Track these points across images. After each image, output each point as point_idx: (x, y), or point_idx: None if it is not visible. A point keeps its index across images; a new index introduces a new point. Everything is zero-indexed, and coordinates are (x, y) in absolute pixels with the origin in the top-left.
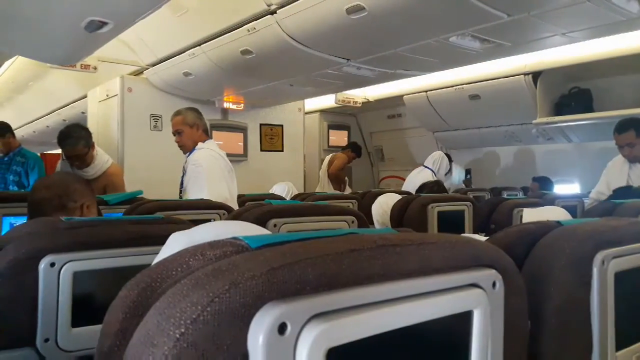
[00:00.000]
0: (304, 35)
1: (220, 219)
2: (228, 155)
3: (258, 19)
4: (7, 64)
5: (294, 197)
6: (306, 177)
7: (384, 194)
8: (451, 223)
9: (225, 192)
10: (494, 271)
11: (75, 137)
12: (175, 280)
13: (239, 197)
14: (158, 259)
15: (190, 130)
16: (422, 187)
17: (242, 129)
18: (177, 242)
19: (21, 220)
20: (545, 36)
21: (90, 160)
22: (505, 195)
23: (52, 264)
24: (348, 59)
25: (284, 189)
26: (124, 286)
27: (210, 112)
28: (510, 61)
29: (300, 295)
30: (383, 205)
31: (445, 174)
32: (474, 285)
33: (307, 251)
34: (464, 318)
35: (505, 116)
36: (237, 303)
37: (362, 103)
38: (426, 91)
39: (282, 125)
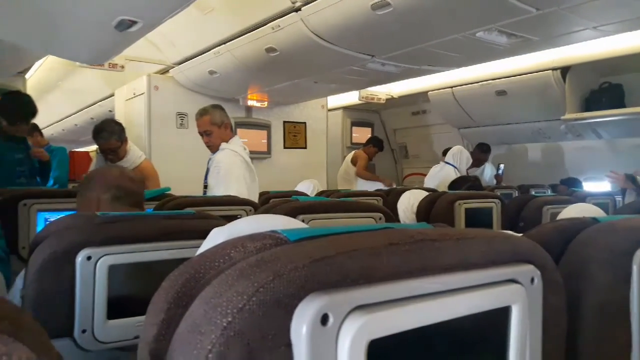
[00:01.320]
0: (329, 32)
1: (247, 215)
2: (252, 152)
3: (283, 16)
4: (37, 64)
5: (318, 194)
6: (329, 175)
7: (409, 190)
8: (479, 220)
9: (244, 192)
10: (532, 266)
11: (108, 131)
12: (218, 272)
13: (263, 194)
14: (200, 252)
15: (218, 130)
16: (458, 184)
17: (266, 127)
18: (218, 236)
19: (54, 216)
20: (576, 30)
21: (123, 154)
22: (533, 192)
23: (89, 258)
24: (373, 55)
25: (309, 187)
26: (167, 277)
27: (235, 109)
28: (538, 56)
29: (341, 287)
30: (411, 200)
31: (468, 169)
32: (512, 280)
33: (347, 244)
34: (502, 314)
35: (533, 112)
36: (280, 293)
37: (386, 100)
38: (452, 87)
39: (305, 123)
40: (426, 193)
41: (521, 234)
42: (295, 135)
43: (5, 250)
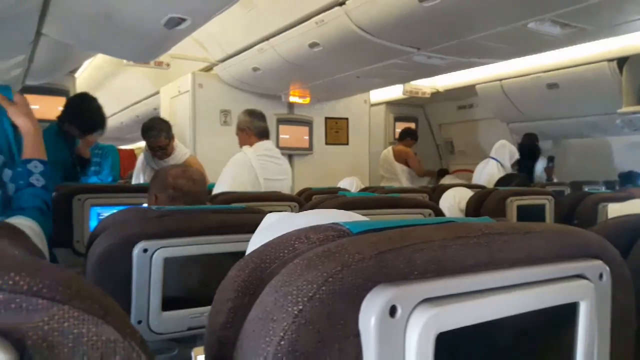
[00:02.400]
0: (374, 25)
1: (292, 211)
2: (293, 149)
3: (326, 10)
4: (86, 63)
5: (362, 191)
6: (371, 171)
7: (452, 188)
8: (531, 218)
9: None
10: (600, 262)
11: (157, 129)
12: (283, 261)
13: (305, 190)
14: (260, 239)
15: (241, 133)
16: (505, 182)
17: (308, 123)
18: (275, 226)
19: (106, 210)
20: (635, 19)
21: (171, 151)
22: (586, 189)
23: (145, 250)
24: (418, 48)
25: (351, 184)
26: (234, 267)
27: (277, 106)
28: (592, 47)
29: (408, 279)
30: (456, 198)
31: (513, 164)
32: (580, 276)
33: (413, 237)
34: (570, 310)
35: (587, 106)
36: (349, 284)
37: (431, 93)
38: (500, 80)
39: (347, 119)
40: (469, 190)
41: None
42: (337, 132)
43: (48, 204)
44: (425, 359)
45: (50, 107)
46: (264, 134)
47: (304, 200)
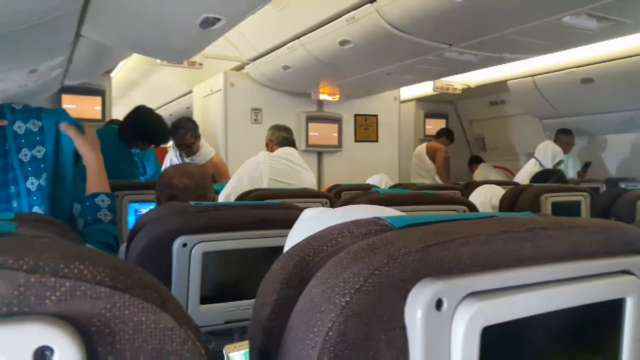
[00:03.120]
0: (405, 22)
1: (323, 207)
2: (323, 146)
3: (357, 8)
4: (121, 63)
5: (393, 187)
6: (401, 168)
7: (483, 186)
8: (566, 215)
9: (228, 189)
10: None
11: (185, 128)
12: (327, 255)
13: (335, 187)
14: (298, 234)
15: (267, 146)
16: (541, 178)
17: (337, 120)
18: (313, 221)
19: (144, 207)
20: None
21: (197, 150)
22: (622, 186)
23: (184, 245)
24: (450, 44)
25: (380, 180)
26: (277, 260)
27: (307, 104)
28: (629, 40)
29: (454, 273)
30: (488, 195)
31: (556, 165)
32: (626, 272)
33: (459, 231)
34: (616, 306)
35: (623, 101)
36: (395, 277)
37: (462, 90)
38: (533, 75)
39: (376, 115)
40: (500, 187)
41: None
42: (367, 129)
43: (117, 239)
44: (471, 352)
45: (87, 107)
46: (285, 142)
47: (334, 196)
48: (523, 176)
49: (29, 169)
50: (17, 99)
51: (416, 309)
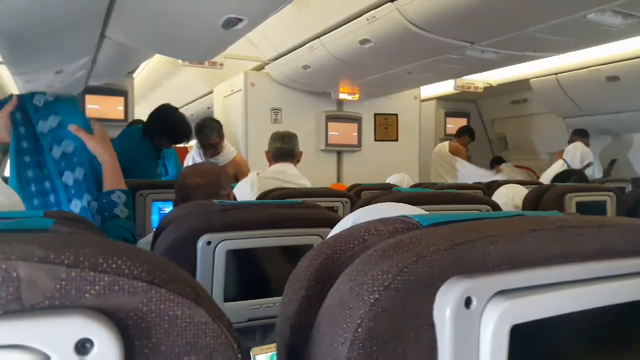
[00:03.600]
0: (426, 20)
1: (343, 206)
2: (342, 145)
3: (378, 7)
4: (143, 64)
5: (414, 187)
6: (421, 167)
7: (505, 185)
8: (591, 215)
9: None
10: None
11: (210, 128)
12: (353, 252)
13: (354, 186)
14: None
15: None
16: (563, 178)
17: (357, 119)
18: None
19: (167, 205)
20: None
21: (221, 150)
22: None
23: (209, 243)
24: (472, 42)
25: (401, 180)
26: (304, 257)
27: (326, 103)
28: None
29: (483, 271)
30: (510, 194)
31: (584, 167)
32: None
33: (487, 229)
34: None
35: None
36: (424, 274)
37: (484, 88)
38: (556, 74)
39: (396, 115)
40: (523, 187)
41: None
42: (387, 128)
43: (133, 233)
44: (500, 350)
45: (110, 107)
46: (278, 156)
47: (354, 196)
48: (548, 177)
49: (62, 164)
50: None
51: (445, 306)
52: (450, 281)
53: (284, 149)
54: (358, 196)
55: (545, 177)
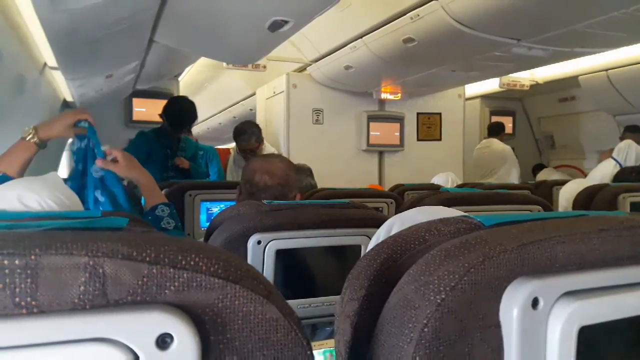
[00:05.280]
0: (472, 17)
1: (388, 207)
2: (384, 145)
3: (422, 5)
4: (188, 67)
5: (459, 187)
6: (465, 167)
7: (574, 180)
8: None
9: None
10: None
11: (249, 132)
12: (414, 253)
13: (397, 186)
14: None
15: None
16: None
17: (399, 119)
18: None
19: (215, 205)
20: None
21: (260, 154)
22: None
23: (259, 242)
24: (518, 39)
25: (445, 180)
26: (364, 256)
27: (368, 103)
28: None
29: (550, 272)
30: (579, 190)
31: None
32: None
33: (554, 229)
34: None
35: None
36: (490, 275)
37: (530, 86)
38: (606, 70)
39: (440, 114)
40: (591, 183)
41: None
42: (430, 127)
43: (178, 226)
44: (568, 352)
45: (156, 110)
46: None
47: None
48: (595, 178)
49: (95, 181)
50: (93, 103)
51: (512, 307)
52: (517, 282)
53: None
54: (401, 197)
55: (593, 177)
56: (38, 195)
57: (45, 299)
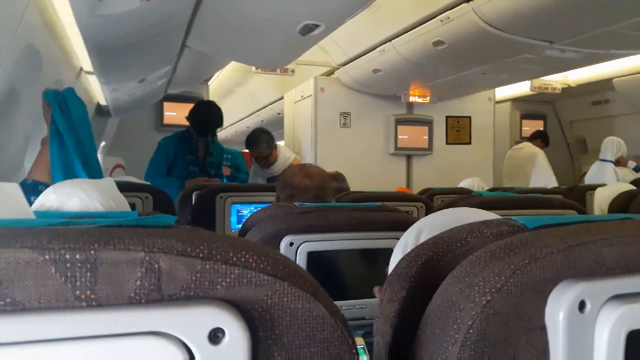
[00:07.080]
0: (503, 20)
1: (418, 211)
2: (412, 149)
3: (452, 8)
4: (218, 72)
5: (491, 191)
6: (495, 171)
7: (609, 185)
8: None
9: None
10: None
11: (258, 140)
12: (456, 254)
13: (426, 190)
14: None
15: None
16: None
17: (428, 123)
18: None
19: (245, 207)
20: None
21: (274, 160)
22: None
23: (291, 244)
24: (551, 42)
25: (472, 184)
26: (403, 258)
27: (396, 106)
28: None
29: (596, 275)
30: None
31: None
32: None
33: (601, 232)
34: None
35: None
36: (537, 277)
37: (562, 89)
38: None
39: (469, 117)
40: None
41: None
42: (459, 131)
43: None
44: (616, 356)
45: (186, 114)
46: None
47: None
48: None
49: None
50: (126, 107)
51: (558, 310)
52: (563, 284)
53: None
54: (430, 200)
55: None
56: (87, 196)
57: (104, 292)
